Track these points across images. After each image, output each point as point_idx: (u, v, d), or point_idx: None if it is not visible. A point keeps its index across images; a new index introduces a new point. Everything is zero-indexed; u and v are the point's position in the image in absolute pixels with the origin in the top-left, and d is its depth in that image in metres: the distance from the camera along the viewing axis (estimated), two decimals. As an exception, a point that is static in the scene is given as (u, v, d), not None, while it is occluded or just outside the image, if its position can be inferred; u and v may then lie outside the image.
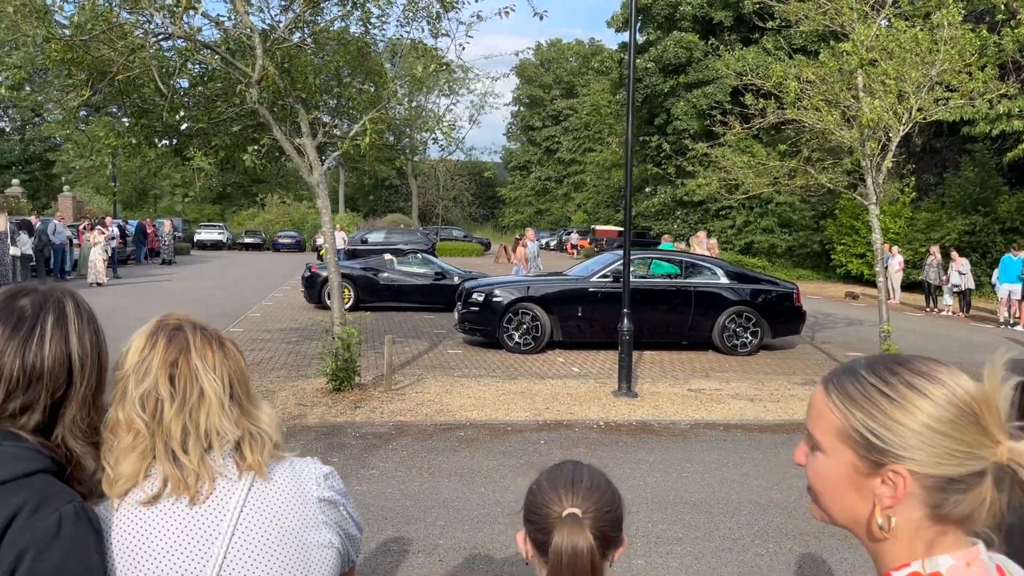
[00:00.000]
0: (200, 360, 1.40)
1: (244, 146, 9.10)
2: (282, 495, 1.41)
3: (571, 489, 1.45)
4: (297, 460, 1.48)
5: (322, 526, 1.43)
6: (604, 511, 1.42)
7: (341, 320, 9.08)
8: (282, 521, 1.39)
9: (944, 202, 28.60)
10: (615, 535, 1.44)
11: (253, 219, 53.55)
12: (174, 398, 1.37)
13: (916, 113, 10.10)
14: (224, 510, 1.36)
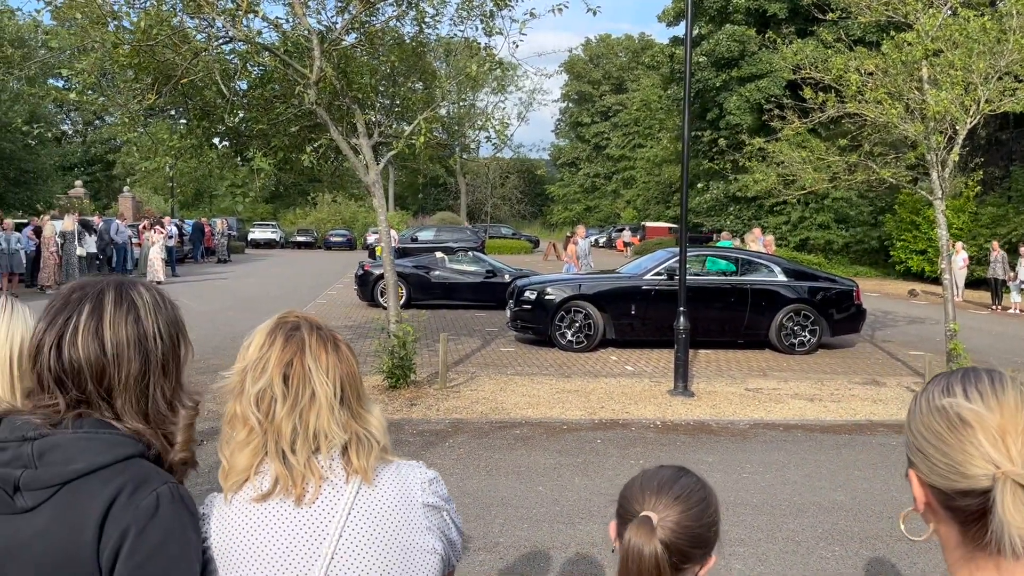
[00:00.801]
0: (314, 361, 1.42)
1: (302, 146, 9.24)
2: (388, 500, 1.42)
3: (656, 493, 1.43)
4: (403, 464, 1.49)
5: (426, 531, 1.44)
6: (685, 524, 1.40)
7: (397, 318, 9.16)
8: (388, 525, 1.40)
9: (1010, 196, 27.71)
10: (695, 551, 1.40)
11: (305, 218, 54.38)
12: (286, 398, 1.39)
13: (984, 105, 9.78)
14: (332, 512, 1.38)
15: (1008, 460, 0.99)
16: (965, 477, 1.02)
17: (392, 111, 11.05)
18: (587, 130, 73.40)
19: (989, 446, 1.00)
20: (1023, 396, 1.03)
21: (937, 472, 1.06)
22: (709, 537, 1.44)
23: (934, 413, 1.07)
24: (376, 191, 9.18)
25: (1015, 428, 1.00)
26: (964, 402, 1.04)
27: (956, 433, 1.04)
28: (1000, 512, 0.98)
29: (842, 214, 33.53)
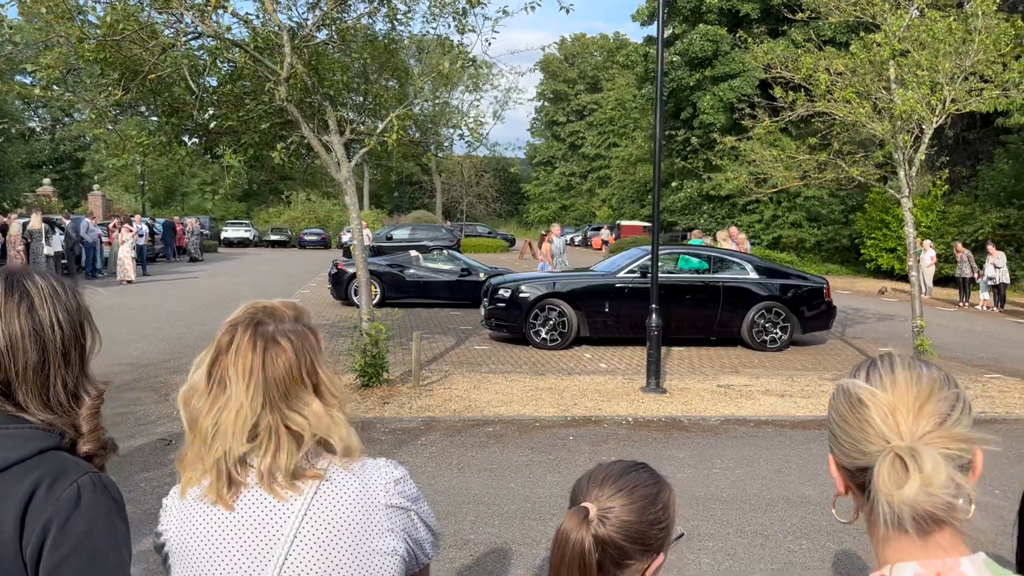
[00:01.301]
0: (235, 361, 1.39)
1: (273, 143, 9.16)
2: (347, 501, 1.39)
3: (600, 485, 1.42)
4: (369, 463, 1.46)
5: (387, 533, 1.41)
6: (624, 519, 1.38)
7: (369, 316, 9.12)
8: (345, 527, 1.38)
9: (977, 195, 28.16)
10: (634, 547, 1.38)
11: (279, 216, 54.01)
12: (206, 396, 1.39)
13: (950, 104, 9.93)
14: (288, 513, 1.37)
15: (897, 436, 1.03)
16: (864, 454, 1.06)
17: (364, 108, 11.00)
18: (562, 129, 73.62)
19: (881, 423, 1.05)
20: (914, 375, 1.07)
21: (844, 452, 1.11)
22: (653, 535, 1.41)
23: (840, 396, 1.13)
24: (348, 188, 9.13)
25: (905, 405, 1.05)
26: (862, 383, 1.10)
27: (855, 412, 1.08)
28: (876, 482, 1.02)
29: (814, 212, 33.90)
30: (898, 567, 1.05)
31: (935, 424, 1.03)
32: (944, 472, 0.99)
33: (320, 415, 1.41)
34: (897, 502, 1.00)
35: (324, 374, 1.44)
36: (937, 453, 1.00)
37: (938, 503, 1.00)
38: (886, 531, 1.05)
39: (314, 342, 1.45)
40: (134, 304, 17.11)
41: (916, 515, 1.01)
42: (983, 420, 8.60)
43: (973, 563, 1.03)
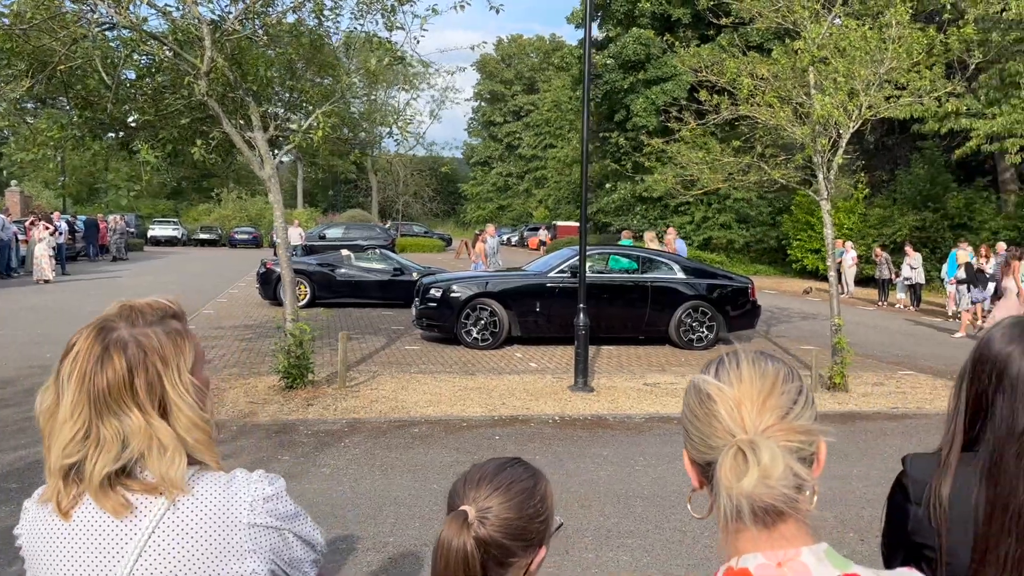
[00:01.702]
0: (69, 366, 1.32)
1: (193, 139, 8.91)
2: (202, 517, 1.31)
3: (476, 486, 1.40)
4: (238, 477, 1.37)
5: (247, 554, 1.32)
6: (504, 517, 1.36)
7: (294, 316, 8.96)
8: (197, 546, 1.30)
9: (896, 198, 29.20)
10: (516, 544, 1.37)
11: (208, 215, 52.76)
12: (53, 398, 1.33)
13: (866, 110, 10.25)
14: (135, 529, 1.30)
15: (742, 429, 1.04)
16: (712, 449, 1.07)
17: (292, 105, 10.80)
18: (499, 129, 73.73)
19: (727, 417, 1.06)
20: (759, 370, 1.09)
21: (695, 447, 1.12)
22: (534, 528, 1.40)
23: (691, 392, 1.14)
24: (272, 186, 8.95)
25: (749, 400, 1.06)
26: (710, 379, 1.11)
27: (704, 408, 1.09)
28: (718, 475, 1.03)
29: (743, 214, 34.69)
30: (744, 558, 1.06)
31: (778, 417, 1.05)
32: (782, 464, 0.99)
33: (138, 431, 1.30)
34: (736, 494, 1.01)
35: (174, 388, 1.34)
36: (776, 446, 1.01)
37: (777, 495, 1.00)
38: (732, 524, 1.05)
39: (170, 350, 1.36)
40: (51, 305, 16.46)
41: (755, 507, 1.02)
42: (896, 415, 8.91)
43: (814, 553, 1.05)
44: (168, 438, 1.31)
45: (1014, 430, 1.52)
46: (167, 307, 1.42)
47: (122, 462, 1.30)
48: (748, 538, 1.06)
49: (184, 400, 1.34)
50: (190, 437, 1.33)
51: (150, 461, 1.30)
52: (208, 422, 1.37)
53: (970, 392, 1.61)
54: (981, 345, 1.62)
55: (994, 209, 26.49)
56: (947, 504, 1.58)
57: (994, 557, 1.51)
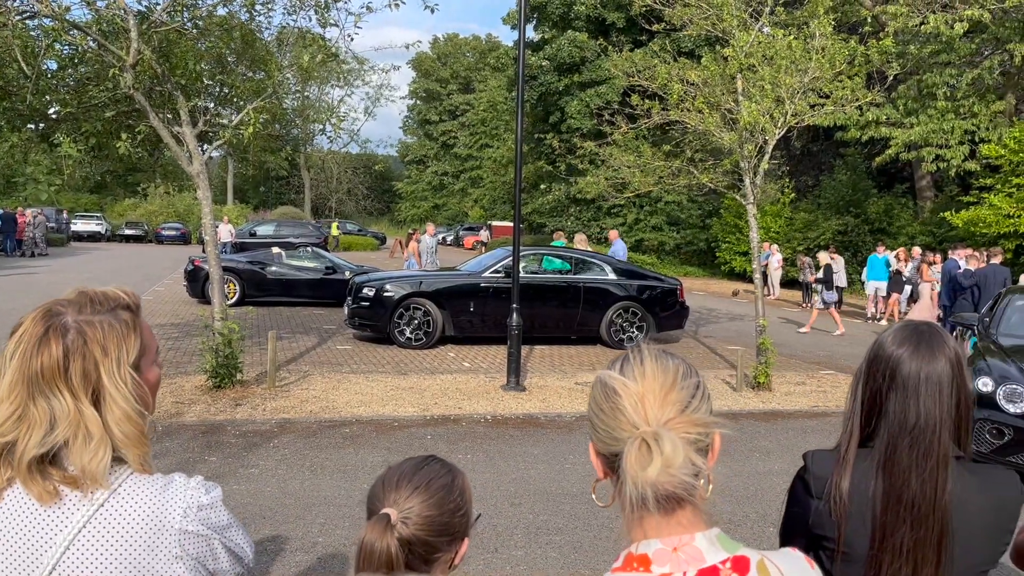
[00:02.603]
0: (11, 348, 1.33)
1: (118, 133, 8.67)
2: (134, 519, 1.31)
3: (396, 487, 1.42)
4: (176, 482, 1.37)
5: (174, 560, 1.33)
6: (426, 515, 1.39)
7: (222, 315, 8.79)
8: (124, 547, 1.30)
9: (820, 203, 30.16)
10: (441, 540, 1.41)
11: (134, 210, 51.17)
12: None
13: (791, 118, 10.59)
14: (65, 523, 1.29)
15: (645, 422, 1.11)
16: (617, 441, 1.14)
17: (222, 100, 10.58)
18: (435, 128, 73.40)
19: (632, 411, 1.13)
20: (661, 366, 1.16)
21: (601, 439, 1.18)
22: (456, 523, 1.44)
23: (597, 387, 1.21)
24: (201, 182, 8.77)
25: (652, 394, 1.13)
26: (616, 374, 1.18)
27: (610, 401, 1.16)
28: (623, 465, 1.10)
29: (674, 217, 35.36)
30: (643, 544, 1.13)
31: (678, 411, 1.12)
32: (682, 454, 1.07)
33: (65, 416, 1.30)
34: (641, 483, 1.08)
35: (110, 379, 1.33)
36: (677, 437, 1.09)
37: (677, 483, 1.08)
38: (634, 511, 1.12)
39: (113, 341, 1.35)
40: (-37, 302, 15.74)
41: (658, 495, 1.09)
42: (817, 413, 9.24)
43: (706, 537, 1.13)
44: (96, 428, 1.30)
45: (905, 425, 1.63)
46: (121, 298, 1.42)
47: (48, 447, 1.29)
48: (648, 525, 1.13)
49: (119, 392, 1.33)
50: (119, 430, 1.32)
51: (74, 450, 1.30)
52: (143, 417, 1.36)
53: (865, 391, 1.72)
54: (875, 347, 1.73)
55: (911, 215, 27.62)
56: (847, 497, 1.68)
57: (890, 545, 1.62)
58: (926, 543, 1.59)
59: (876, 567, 1.63)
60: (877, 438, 1.68)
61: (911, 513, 1.60)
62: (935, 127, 24.90)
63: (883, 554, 1.62)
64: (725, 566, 1.11)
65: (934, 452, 1.60)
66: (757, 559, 1.14)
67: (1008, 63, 24.05)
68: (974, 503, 1.63)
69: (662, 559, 1.11)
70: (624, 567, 1.14)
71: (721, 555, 1.12)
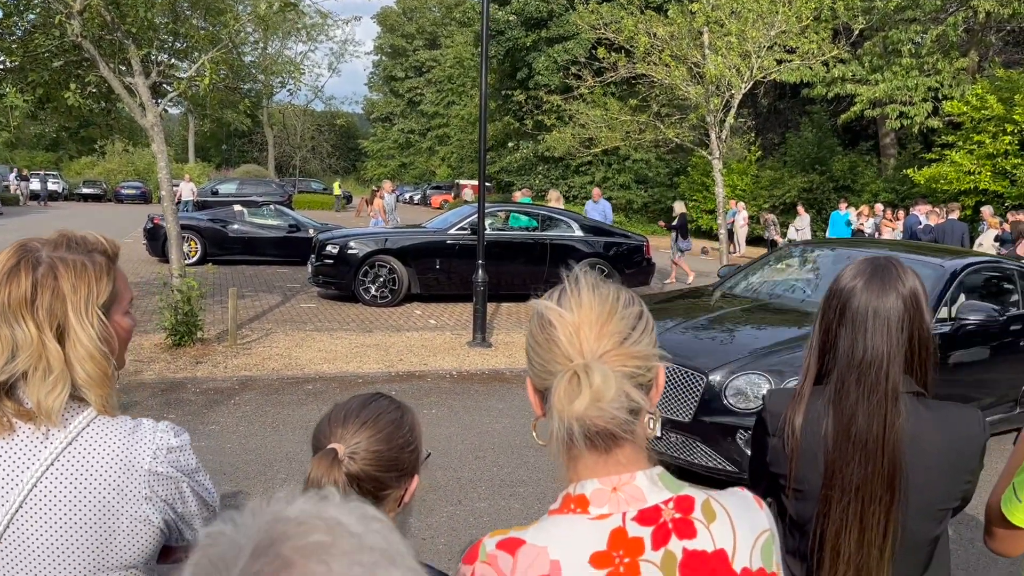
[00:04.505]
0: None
1: (67, 83, 8.37)
2: (103, 458, 1.32)
3: (343, 423, 1.40)
4: (145, 424, 1.39)
5: (143, 500, 1.34)
6: (374, 450, 1.36)
7: (181, 272, 8.62)
8: (93, 485, 1.31)
9: (786, 161, 30.30)
10: (389, 475, 1.38)
11: (92, 168, 49.91)
12: None
13: (757, 71, 10.56)
14: (32, 458, 1.30)
15: (580, 355, 1.04)
16: (551, 375, 1.06)
17: (176, 51, 10.25)
18: (401, 85, 72.25)
19: (567, 343, 1.05)
20: (599, 296, 1.08)
21: (536, 374, 1.11)
22: (404, 459, 1.41)
23: (534, 319, 1.12)
24: (155, 135, 8.52)
25: (588, 325, 1.05)
26: (552, 304, 1.09)
27: (544, 333, 1.08)
28: (552, 399, 1.03)
29: (641, 175, 35.32)
30: (580, 484, 1.07)
31: (615, 343, 1.05)
32: (614, 387, 0.99)
33: (28, 345, 1.30)
34: (568, 416, 1.00)
35: (76, 316, 1.32)
36: (609, 369, 1.01)
37: (608, 418, 1.01)
38: (570, 450, 1.06)
39: (84, 281, 1.35)
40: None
41: (587, 431, 1.01)
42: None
43: (648, 476, 1.07)
44: (57, 362, 1.31)
45: (853, 359, 1.61)
46: (99, 243, 1.43)
47: (6, 375, 1.30)
48: (585, 464, 1.07)
49: (84, 331, 1.33)
50: (82, 368, 1.32)
51: (32, 383, 1.30)
52: (107, 359, 1.36)
53: (821, 326, 1.70)
54: (833, 281, 1.70)
55: (875, 172, 27.87)
56: (799, 433, 1.66)
57: (839, 482, 1.61)
58: (875, 479, 1.58)
59: (827, 504, 1.62)
60: (831, 374, 1.66)
61: (859, 449, 1.58)
62: (899, 84, 25.04)
63: (832, 491, 1.61)
64: (668, 506, 1.05)
65: (881, 387, 1.58)
66: (703, 499, 1.08)
67: (972, 20, 24.17)
68: (930, 440, 1.61)
69: (600, 499, 1.05)
70: (561, 508, 1.08)
71: (664, 495, 1.06)
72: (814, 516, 1.64)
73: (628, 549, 1.03)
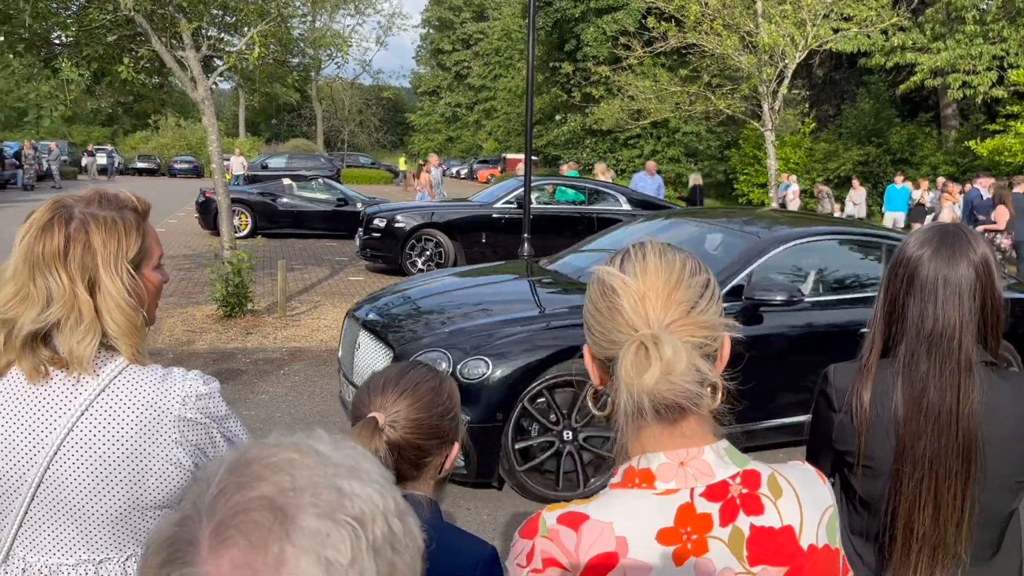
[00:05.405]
0: (21, 232, 1.40)
1: (120, 58, 8.49)
2: (136, 404, 1.39)
3: (382, 392, 1.41)
4: (175, 373, 1.45)
5: (173, 444, 1.40)
6: (414, 418, 1.37)
7: (231, 244, 8.75)
8: (127, 430, 1.38)
9: (841, 133, 29.55)
10: (431, 443, 1.39)
11: (146, 143, 50.94)
12: (3, 264, 1.44)
13: (812, 40, 10.24)
14: (69, 403, 1.37)
15: (645, 324, 1.00)
16: (614, 344, 1.03)
17: (227, 25, 10.32)
18: (448, 58, 72.03)
19: (631, 311, 1.01)
20: (665, 263, 1.04)
21: (597, 342, 1.07)
22: (444, 426, 1.42)
23: (594, 285, 1.08)
24: (206, 109, 8.61)
25: (654, 293, 1.01)
26: (615, 271, 1.05)
27: (607, 301, 1.04)
28: (619, 371, 0.99)
29: (691, 148, 34.79)
30: (645, 458, 1.04)
31: (683, 312, 1.01)
32: (685, 359, 0.96)
33: (61, 296, 1.36)
34: (637, 390, 0.97)
35: (106, 269, 1.38)
36: (680, 341, 0.98)
37: (679, 391, 0.97)
38: (634, 422, 1.02)
39: (115, 236, 1.40)
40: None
41: (657, 404, 0.98)
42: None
43: (715, 450, 1.04)
44: (88, 312, 1.37)
45: (923, 330, 1.54)
46: (131, 200, 1.49)
47: (41, 323, 1.36)
48: (650, 436, 1.04)
49: (114, 283, 1.38)
50: (111, 319, 1.38)
51: (64, 331, 1.37)
52: (136, 311, 1.41)
53: (887, 297, 1.63)
54: (898, 250, 1.64)
55: (935, 144, 27.02)
56: (868, 407, 1.60)
57: (911, 456, 1.54)
58: (949, 453, 1.51)
59: (898, 480, 1.56)
60: (899, 346, 1.59)
61: (932, 422, 1.52)
62: (963, 52, 24.15)
63: (904, 466, 1.54)
64: (735, 481, 1.03)
65: (953, 357, 1.51)
66: (768, 473, 1.06)
67: (1042, -16, 23.13)
68: (1006, 411, 1.54)
69: (667, 474, 1.02)
70: (624, 482, 1.05)
71: (731, 469, 1.03)
72: (885, 493, 1.58)
73: (696, 526, 1.00)
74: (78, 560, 1.40)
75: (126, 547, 1.43)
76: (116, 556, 1.42)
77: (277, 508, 0.56)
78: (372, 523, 0.58)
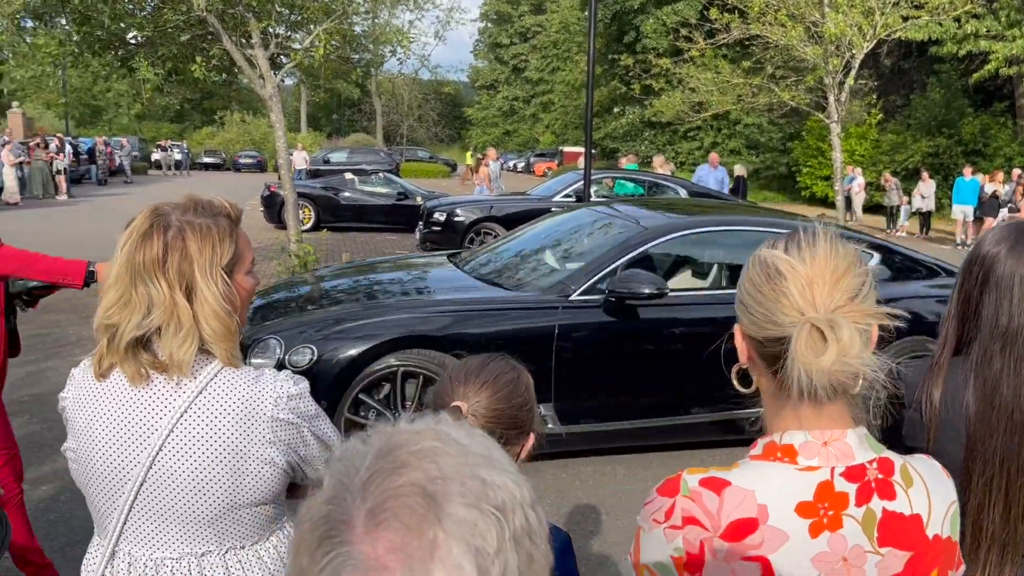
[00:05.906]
0: (121, 240, 1.45)
1: (193, 57, 8.78)
2: (231, 406, 1.44)
3: (464, 382, 1.46)
4: (267, 374, 1.50)
5: (268, 444, 1.46)
6: (495, 408, 1.43)
7: (297, 238, 8.97)
8: (224, 430, 1.43)
9: (909, 124, 28.69)
10: (510, 433, 1.45)
11: (212, 138, 52.29)
12: (106, 270, 1.51)
13: (881, 29, 10.00)
14: (169, 405, 1.43)
15: (813, 308, 1.06)
16: (776, 325, 1.08)
17: (293, 23, 10.57)
18: (506, 51, 72.09)
19: (798, 295, 1.07)
20: (834, 250, 1.10)
21: (754, 322, 1.12)
22: (522, 416, 1.47)
23: (756, 266, 1.14)
24: (273, 105, 8.85)
25: (822, 278, 1.07)
26: (781, 254, 1.11)
27: (772, 283, 1.10)
28: (792, 352, 1.05)
29: (753, 140, 34.21)
30: (788, 434, 1.10)
31: (848, 298, 1.07)
32: (858, 343, 1.03)
33: (161, 303, 1.41)
34: (815, 371, 1.03)
35: (202, 276, 1.43)
36: (852, 324, 1.04)
37: (849, 372, 1.04)
38: (783, 401, 1.10)
39: (209, 242, 1.45)
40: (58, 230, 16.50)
41: (830, 383, 1.05)
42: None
43: (857, 435, 1.10)
44: (186, 318, 1.42)
45: (998, 327, 1.54)
46: (224, 207, 1.55)
47: (144, 330, 1.42)
48: (797, 415, 1.10)
49: (210, 289, 1.43)
50: (208, 325, 1.43)
51: (165, 337, 1.42)
52: (231, 316, 1.46)
53: (960, 294, 1.63)
54: (974, 247, 1.63)
55: (1010, 135, 26.03)
56: (938, 405, 1.60)
57: (981, 454, 1.54)
58: (1021, 451, 1.51)
59: (968, 478, 1.56)
60: (972, 343, 1.59)
61: (1004, 420, 1.51)
62: (1040, 40, 23.19)
63: (974, 463, 1.55)
64: (872, 466, 1.09)
65: None
66: (900, 463, 1.12)
67: None
68: None
69: (810, 451, 1.08)
70: (765, 455, 1.11)
71: (869, 454, 1.10)
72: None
73: (833, 502, 1.06)
74: (180, 554, 1.47)
75: (225, 541, 1.49)
76: (216, 549, 1.48)
77: (428, 495, 0.57)
78: (512, 513, 0.60)
